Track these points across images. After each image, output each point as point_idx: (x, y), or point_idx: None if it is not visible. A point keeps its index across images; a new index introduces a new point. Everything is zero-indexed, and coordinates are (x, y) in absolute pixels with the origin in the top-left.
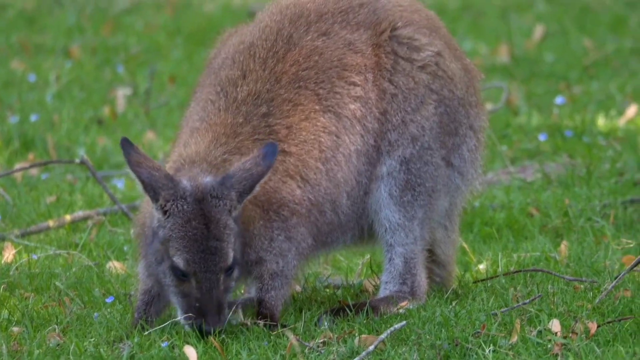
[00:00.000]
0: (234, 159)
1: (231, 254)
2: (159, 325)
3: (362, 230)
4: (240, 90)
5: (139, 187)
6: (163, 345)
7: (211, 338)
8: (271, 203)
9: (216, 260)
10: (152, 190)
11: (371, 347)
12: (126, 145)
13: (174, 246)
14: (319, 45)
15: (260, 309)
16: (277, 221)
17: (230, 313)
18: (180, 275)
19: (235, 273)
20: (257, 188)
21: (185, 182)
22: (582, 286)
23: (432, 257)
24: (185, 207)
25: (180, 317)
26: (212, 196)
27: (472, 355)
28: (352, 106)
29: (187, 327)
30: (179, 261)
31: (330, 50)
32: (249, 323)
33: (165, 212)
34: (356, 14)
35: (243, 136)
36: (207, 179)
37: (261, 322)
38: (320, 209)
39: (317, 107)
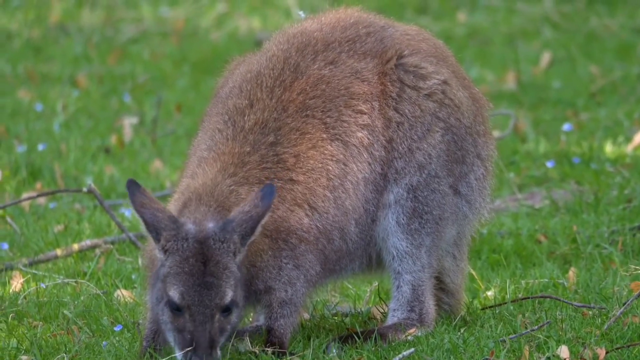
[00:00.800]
0: (242, 189)
1: (229, 294)
2: (167, 353)
3: (370, 258)
4: (248, 119)
5: (142, 227)
6: None
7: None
8: (279, 232)
9: (211, 296)
10: (154, 230)
11: None
12: (132, 186)
13: (170, 281)
14: (326, 74)
15: (269, 337)
16: (286, 250)
17: (237, 341)
18: (175, 310)
19: (233, 317)
20: (259, 229)
21: (189, 225)
22: (590, 312)
23: (441, 286)
24: (184, 245)
25: (177, 353)
26: (215, 240)
27: None
28: (359, 134)
29: None
30: (174, 294)
31: (337, 79)
32: (257, 351)
33: (165, 252)
34: (363, 43)
35: (250, 165)
36: (210, 224)
37: (269, 350)
38: (329, 236)
39: (324, 136)
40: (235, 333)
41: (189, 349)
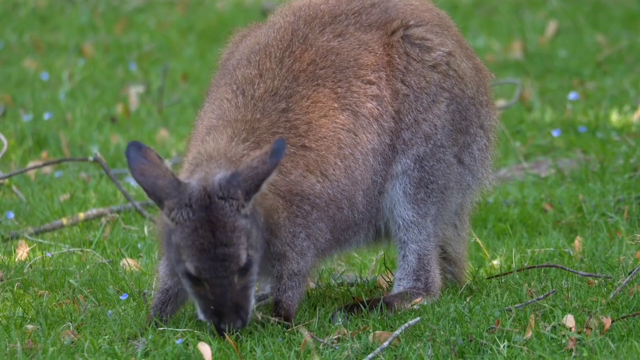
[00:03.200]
0: (252, 153)
1: (243, 256)
2: (173, 323)
3: (376, 231)
4: (257, 88)
5: (144, 192)
6: (177, 342)
7: (226, 335)
8: (293, 195)
9: (226, 266)
10: (156, 198)
11: (385, 343)
12: (131, 151)
13: (184, 253)
14: (335, 45)
15: (276, 309)
16: (299, 217)
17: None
18: (194, 280)
19: (253, 269)
20: (264, 186)
21: (192, 186)
22: (596, 281)
23: (444, 255)
24: (190, 215)
25: (199, 314)
26: (219, 197)
27: (487, 351)
28: (369, 105)
29: (207, 323)
30: (190, 267)
31: (346, 51)
32: (262, 319)
33: (172, 220)
34: (369, 15)
35: (261, 130)
36: (217, 176)
37: (276, 319)
38: (338, 205)
39: (335, 105)
40: None
41: (213, 319)
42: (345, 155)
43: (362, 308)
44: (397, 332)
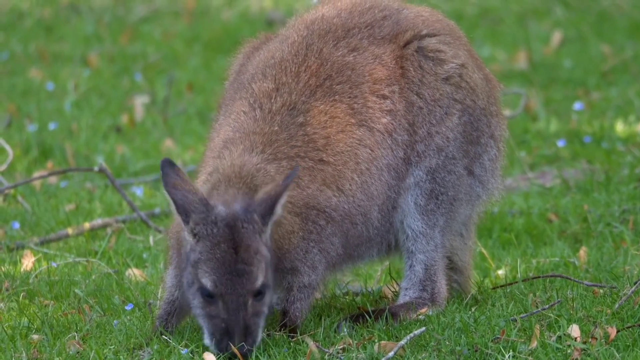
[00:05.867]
0: (270, 167)
1: (260, 278)
2: (179, 333)
3: (389, 245)
4: (275, 102)
5: (172, 208)
6: (183, 352)
7: (230, 344)
8: (309, 209)
9: (243, 283)
10: (184, 212)
11: (391, 353)
12: (166, 166)
13: (202, 269)
14: (350, 60)
15: (284, 320)
16: (314, 233)
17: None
18: (208, 297)
19: (267, 299)
20: (279, 208)
21: (219, 208)
22: (601, 291)
23: (450, 265)
24: (214, 230)
25: (206, 339)
26: (242, 222)
27: None
28: (383, 120)
29: (213, 348)
30: (207, 282)
31: (361, 66)
32: (269, 331)
33: (195, 235)
34: (381, 27)
35: (279, 143)
36: (237, 207)
37: (281, 331)
38: (352, 220)
39: (352, 121)
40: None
41: (223, 339)
42: (362, 171)
43: (368, 318)
44: (402, 342)
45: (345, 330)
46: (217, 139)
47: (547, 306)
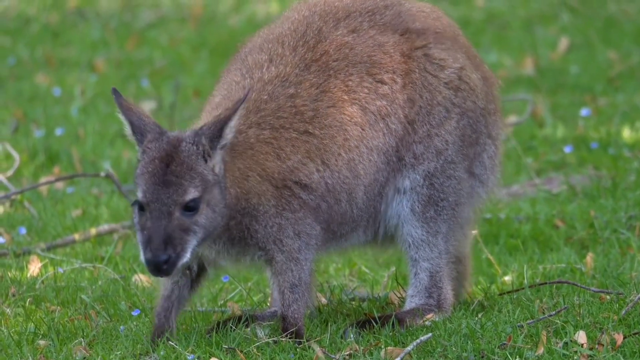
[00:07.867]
0: (250, 131)
1: (192, 193)
2: (185, 338)
3: (376, 232)
4: (267, 72)
5: (127, 130)
6: (189, 358)
7: (237, 350)
8: (285, 181)
9: (169, 193)
10: (139, 132)
11: (397, 359)
12: (117, 92)
13: (137, 182)
14: (349, 40)
15: (284, 325)
16: (287, 210)
17: (256, 326)
18: (141, 211)
19: (201, 218)
20: (228, 132)
21: (174, 133)
22: (608, 298)
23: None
24: (156, 146)
25: (140, 254)
26: (187, 142)
27: None
28: (378, 103)
29: (143, 262)
30: (139, 194)
31: (360, 47)
32: (272, 337)
33: (142, 153)
34: (382, 15)
35: (266, 112)
36: (189, 131)
37: (286, 338)
38: (336, 196)
39: (345, 97)
40: (252, 318)
41: (145, 249)
42: (350, 148)
43: (374, 324)
44: (408, 348)
45: (351, 336)
46: (207, 107)
47: (554, 312)
